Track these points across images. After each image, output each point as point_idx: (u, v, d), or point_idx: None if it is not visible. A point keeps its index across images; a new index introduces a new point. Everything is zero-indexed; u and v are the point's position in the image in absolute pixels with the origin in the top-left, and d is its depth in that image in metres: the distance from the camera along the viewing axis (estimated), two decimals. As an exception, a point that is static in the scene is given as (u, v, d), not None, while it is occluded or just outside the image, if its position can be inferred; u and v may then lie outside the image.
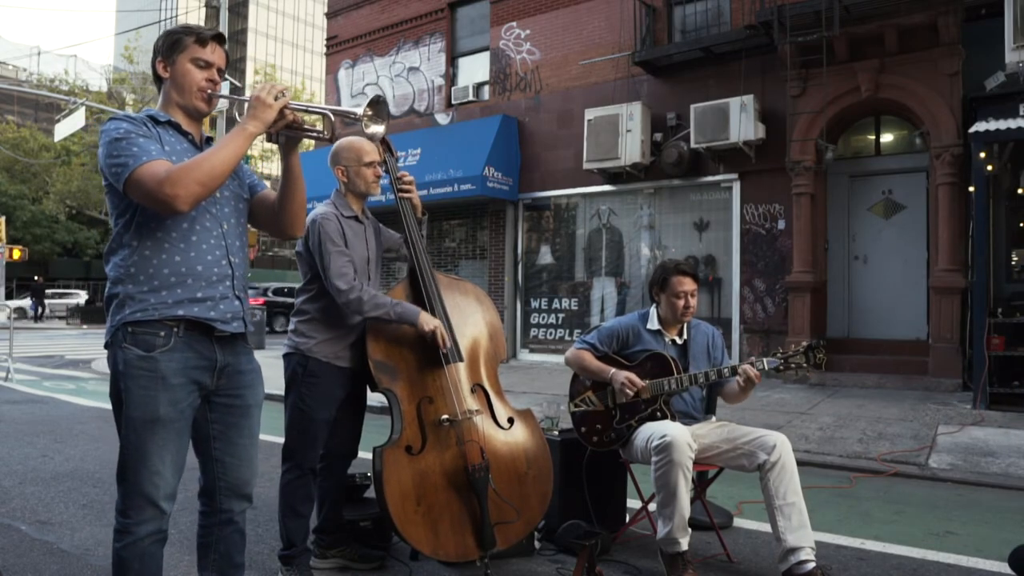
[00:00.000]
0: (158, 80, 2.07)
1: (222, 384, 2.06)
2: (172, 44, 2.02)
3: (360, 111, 2.07)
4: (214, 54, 2.04)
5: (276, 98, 1.93)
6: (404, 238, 3.05)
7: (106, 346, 1.99)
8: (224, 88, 2.01)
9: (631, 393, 3.13)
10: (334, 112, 2.07)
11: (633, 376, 3.15)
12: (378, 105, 2.11)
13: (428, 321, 2.81)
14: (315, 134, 2.07)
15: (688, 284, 3.26)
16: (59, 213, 31.43)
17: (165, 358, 1.92)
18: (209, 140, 2.14)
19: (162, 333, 1.93)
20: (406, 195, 3.03)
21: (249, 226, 2.23)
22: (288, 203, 2.14)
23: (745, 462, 3.00)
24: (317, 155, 14.09)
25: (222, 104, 12.32)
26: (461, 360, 2.93)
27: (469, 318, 3.08)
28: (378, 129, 2.12)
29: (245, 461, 2.13)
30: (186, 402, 1.97)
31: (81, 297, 32.63)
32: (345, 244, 2.84)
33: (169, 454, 1.94)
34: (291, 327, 2.96)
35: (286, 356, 2.94)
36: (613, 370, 3.22)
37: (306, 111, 2.05)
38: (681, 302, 3.27)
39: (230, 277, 2.04)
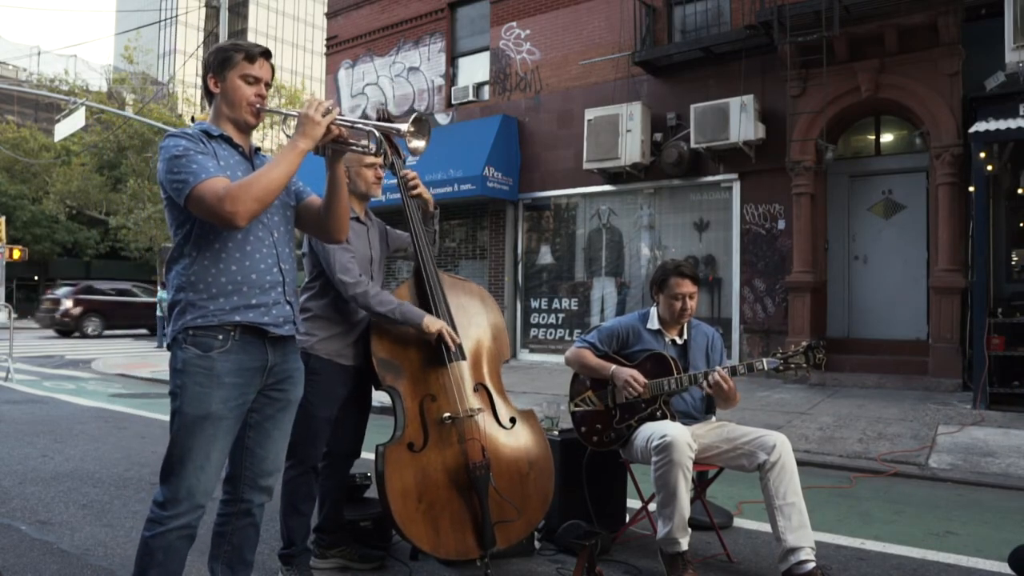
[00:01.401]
0: (209, 95, 2.18)
1: (270, 381, 2.19)
2: (223, 61, 2.13)
3: (404, 128, 2.15)
4: (262, 69, 2.16)
5: (323, 115, 2.04)
6: (410, 238, 3.05)
7: (168, 347, 2.14)
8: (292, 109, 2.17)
9: (633, 392, 3.13)
10: (379, 128, 2.17)
11: (635, 373, 3.15)
12: (421, 123, 2.19)
13: (432, 323, 2.82)
14: (360, 149, 2.20)
15: (686, 286, 3.25)
16: (59, 213, 31.38)
17: (222, 358, 2.05)
18: (257, 151, 2.28)
19: (220, 336, 2.06)
20: (414, 193, 3.05)
21: None
22: (333, 209, 2.24)
23: (745, 462, 3.00)
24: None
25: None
26: (464, 359, 2.94)
27: (473, 318, 3.10)
28: (419, 144, 2.20)
29: (272, 454, 2.25)
30: (237, 401, 2.09)
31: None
32: (347, 243, 2.85)
33: (215, 451, 2.06)
34: None
35: None
36: (614, 367, 3.22)
37: (352, 127, 2.15)
38: (678, 304, 3.27)
39: (281, 284, 2.17)
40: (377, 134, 2.16)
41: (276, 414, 2.23)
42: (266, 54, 2.18)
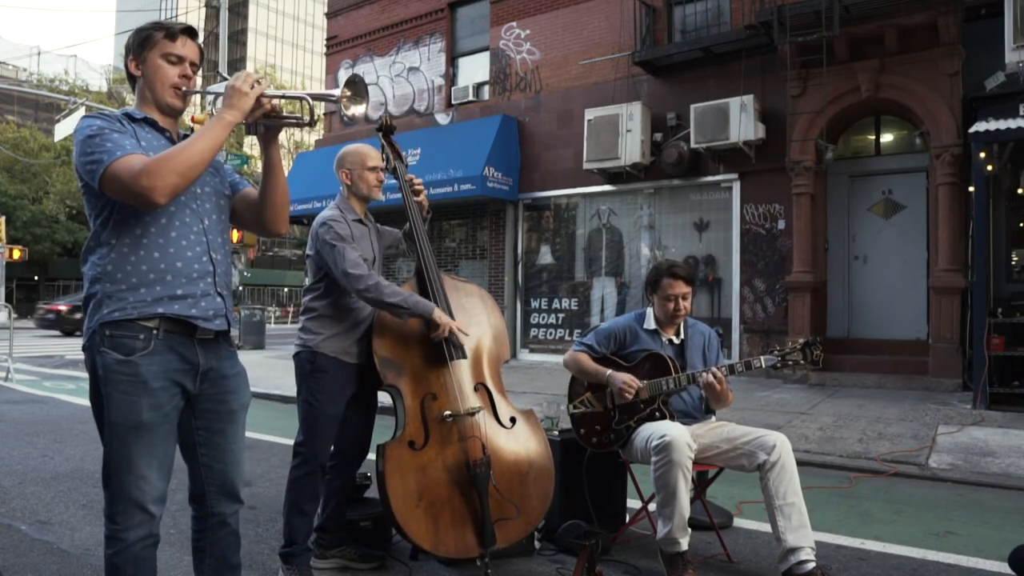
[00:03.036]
0: (132, 79, 2.03)
1: (206, 389, 2.00)
2: (142, 41, 1.98)
3: (338, 92, 2.04)
4: (185, 48, 1.99)
5: (252, 86, 1.90)
6: (411, 236, 3.09)
7: (84, 349, 1.94)
8: (219, 87, 2.00)
9: (630, 395, 3.13)
10: (312, 97, 2.04)
11: (629, 379, 3.15)
12: (355, 84, 2.08)
13: (442, 318, 2.84)
14: (294, 120, 2.03)
15: (679, 287, 3.25)
16: (59, 213, 31.45)
17: (145, 362, 1.87)
18: (186, 137, 2.09)
19: (141, 336, 1.87)
20: (417, 198, 3.08)
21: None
22: (270, 195, 2.10)
23: (745, 462, 3.00)
24: (317, 155, 14.10)
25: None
26: (465, 357, 2.95)
27: (474, 318, 3.11)
28: (358, 109, 2.09)
29: (232, 465, 2.09)
30: (169, 405, 1.92)
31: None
32: (353, 240, 2.91)
33: (155, 459, 1.90)
34: (299, 325, 3.02)
35: (296, 355, 2.98)
36: (610, 371, 3.22)
37: (283, 97, 2.02)
38: (671, 304, 3.26)
39: (211, 274, 1.99)
40: (311, 102, 2.02)
41: (224, 427, 2.05)
42: (188, 31, 2.01)
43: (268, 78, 2.19)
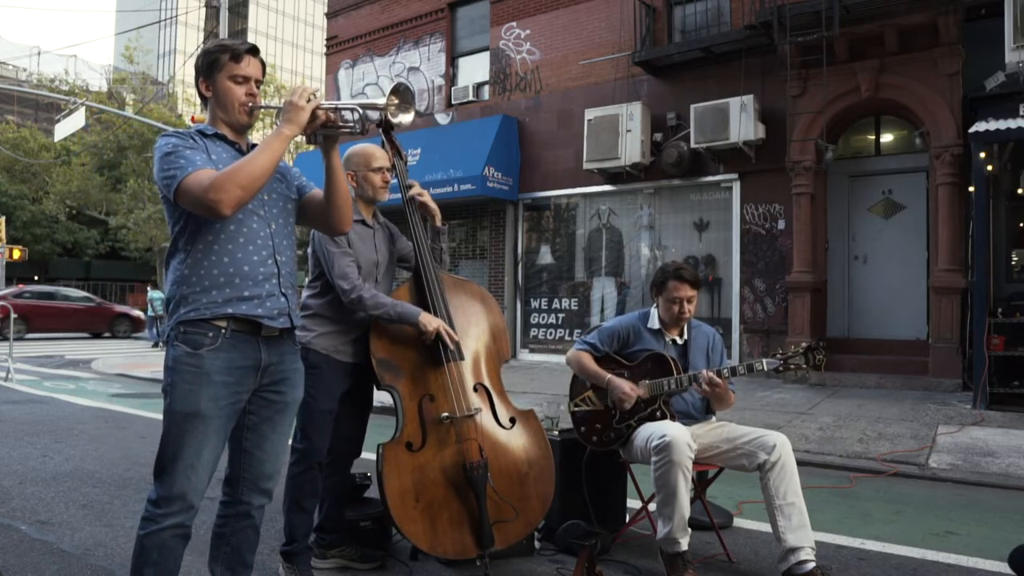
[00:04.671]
0: (203, 99, 2.19)
1: (265, 382, 2.16)
2: (210, 64, 2.13)
3: (384, 102, 2.14)
4: (249, 67, 2.14)
5: (308, 100, 2.03)
6: (411, 238, 3.07)
7: (163, 343, 2.16)
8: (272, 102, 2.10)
9: (627, 406, 3.13)
10: (362, 107, 2.14)
11: (631, 387, 3.14)
12: (401, 93, 2.17)
13: (429, 322, 2.83)
14: (348, 129, 2.15)
15: (685, 291, 3.25)
16: (59, 213, 31.40)
17: (211, 356, 2.03)
18: (255, 147, 2.24)
19: (210, 333, 2.04)
20: (420, 202, 3.07)
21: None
22: (333, 199, 2.24)
23: (745, 462, 3.00)
24: (317, 155, 14.10)
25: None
26: (463, 359, 2.95)
27: (472, 318, 3.10)
28: (406, 117, 2.19)
29: (271, 456, 2.23)
30: (227, 400, 2.06)
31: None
32: (348, 246, 2.89)
33: (206, 450, 2.03)
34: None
35: None
36: (609, 377, 3.22)
37: (336, 109, 2.13)
38: (676, 307, 3.26)
39: (276, 275, 2.14)
40: (360, 111, 2.14)
41: (273, 416, 2.20)
42: (252, 51, 2.16)
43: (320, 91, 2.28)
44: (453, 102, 12.79)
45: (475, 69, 12.73)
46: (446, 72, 12.95)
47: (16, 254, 24.16)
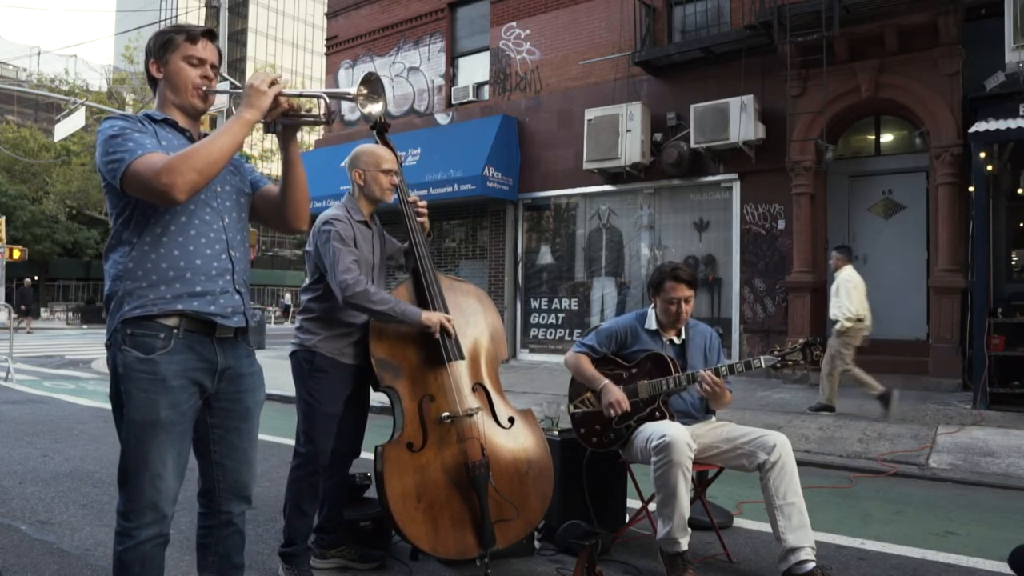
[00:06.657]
0: (152, 82, 2.06)
1: (223, 387, 2.03)
2: (163, 44, 2.01)
3: (354, 91, 2.06)
4: (206, 50, 2.02)
5: (270, 85, 1.93)
6: (407, 237, 3.07)
7: (106, 347, 1.96)
8: (223, 86, 1.99)
9: (614, 414, 3.13)
10: (329, 95, 2.07)
11: (622, 397, 3.14)
12: (371, 83, 2.10)
13: (431, 317, 2.83)
14: (312, 119, 2.06)
15: (682, 291, 3.24)
16: (59, 213, 31.39)
17: (165, 360, 1.89)
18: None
19: (162, 335, 1.90)
20: (420, 218, 3.07)
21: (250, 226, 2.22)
22: (291, 193, 2.12)
23: (745, 462, 3.00)
24: (316, 155, 14.09)
25: (221, 102, 12.32)
26: (462, 358, 2.95)
27: (471, 318, 3.10)
28: (375, 108, 2.12)
29: (245, 464, 2.11)
30: (187, 404, 1.95)
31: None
32: (355, 245, 2.88)
33: (171, 457, 1.92)
34: (297, 324, 3.02)
35: (292, 354, 2.97)
36: (604, 383, 3.21)
37: (300, 96, 2.04)
38: (673, 308, 3.26)
39: (230, 271, 2.01)
40: (327, 100, 2.04)
41: (239, 425, 2.08)
42: (208, 34, 2.05)
43: (285, 79, 2.22)
44: (453, 102, 12.79)
45: (475, 69, 12.73)
46: (446, 72, 12.95)
47: (16, 254, 24.16)
